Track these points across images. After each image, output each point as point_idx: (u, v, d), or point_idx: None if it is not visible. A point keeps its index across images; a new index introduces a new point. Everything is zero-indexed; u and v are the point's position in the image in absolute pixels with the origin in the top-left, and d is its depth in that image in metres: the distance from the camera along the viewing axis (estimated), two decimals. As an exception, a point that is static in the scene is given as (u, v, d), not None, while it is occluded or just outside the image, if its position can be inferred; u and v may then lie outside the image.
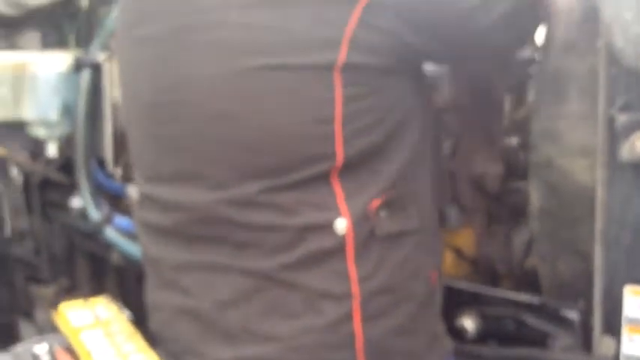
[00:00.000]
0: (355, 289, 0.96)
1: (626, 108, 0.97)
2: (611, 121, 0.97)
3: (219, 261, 1.01)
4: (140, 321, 1.19)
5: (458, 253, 1.37)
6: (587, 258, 1.08)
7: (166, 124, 1.01)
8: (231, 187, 0.97)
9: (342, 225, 0.95)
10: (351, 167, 0.96)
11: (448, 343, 1.10)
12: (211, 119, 0.97)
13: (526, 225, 1.22)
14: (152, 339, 1.12)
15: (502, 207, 1.32)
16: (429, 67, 1.17)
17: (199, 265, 1.03)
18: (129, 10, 1.09)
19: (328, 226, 0.95)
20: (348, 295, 0.96)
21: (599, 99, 1.00)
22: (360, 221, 0.96)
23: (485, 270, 1.35)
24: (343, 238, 0.95)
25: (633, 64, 0.92)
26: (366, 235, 0.97)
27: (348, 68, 0.91)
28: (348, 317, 0.97)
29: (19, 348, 1.03)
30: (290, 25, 0.91)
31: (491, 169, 1.28)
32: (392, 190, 0.99)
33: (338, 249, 0.96)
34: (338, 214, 0.95)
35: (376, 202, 0.97)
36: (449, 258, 1.37)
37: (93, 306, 1.12)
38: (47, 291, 1.80)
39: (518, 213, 1.27)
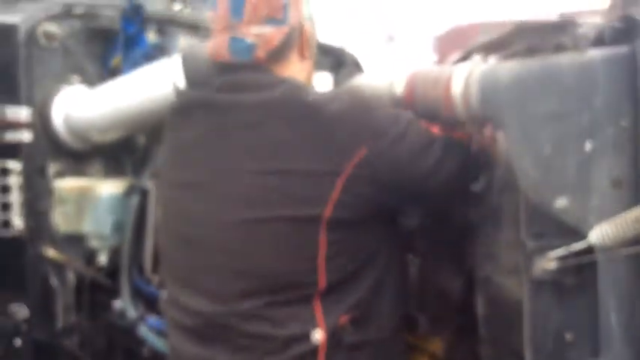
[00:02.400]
0: None
1: (538, 236, 1.22)
2: (524, 247, 1.22)
3: (222, 359, 1.29)
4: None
5: (431, 358, 1.58)
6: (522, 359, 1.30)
7: (193, 252, 1.34)
8: (236, 302, 1.27)
9: (318, 336, 1.23)
10: (330, 290, 1.25)
11: None
12: (226, 252, 1.29)
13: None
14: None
15: (468, 318, 1.54)
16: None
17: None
18: (170, 160, 1.44)
19: (307, 337, 1.23)
20: None
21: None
22: (332, 333, 1.24)
23: (454, 373, 1.56)
24: (318, 346, 1.23)
25: (537, 203, 1.19)
26: (335, 343, 1.25)
27: (331, 221, 1.23)
28: None
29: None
30: (290, 188, 1.24)
31: (455, 284, 1.52)
32: (358, 308, 1.28)
33: (313, 354, 1.24)
34: (316, 326, 1.24)
35: (345, 318, 1.26)
36: (424, 362, 1.59)
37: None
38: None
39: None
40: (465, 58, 1.43)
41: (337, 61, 2.37)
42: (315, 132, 1.23)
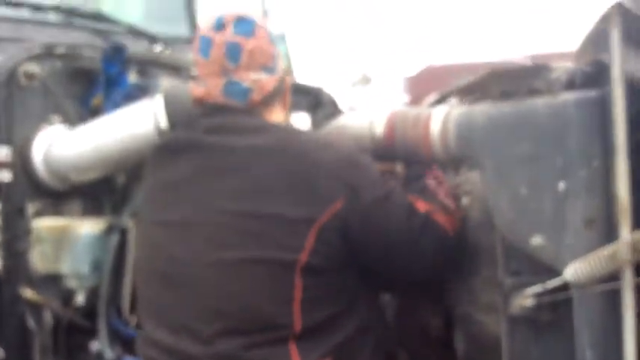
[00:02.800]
0: None
1: (515, 273, 1.25)
2: (501, 285, 1.25)
3: None
4: None
5: (413, 395, 1.59)
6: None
7: (173, 288, 1.35)
8: (215, 342, 1.27)
9: None
10: (306, 333, 1.27)
11: None
12: (206, 291, 1.30)
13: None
14: None
15: (447, 353, 1.56)
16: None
17: None
18: (152, 199, 1.46)
19: None
20: None
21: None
22: None
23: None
24: None
25: (513, 241, 1.22)
26: None
27: (306, 267, 1.26)
28: None
29: None
30: (269, 231, 1.26)
31: (434, 321, 1.54)
32: (338, 352, 1.29)
33: None
34: None
35: None
36: (406, 400, 1.59)
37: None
38: None
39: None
40: (442, 100, 1.48)
41: (315, 101, 2.40)
42: (299, 178, 1.26)
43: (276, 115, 1.41)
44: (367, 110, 1.55)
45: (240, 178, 1.29)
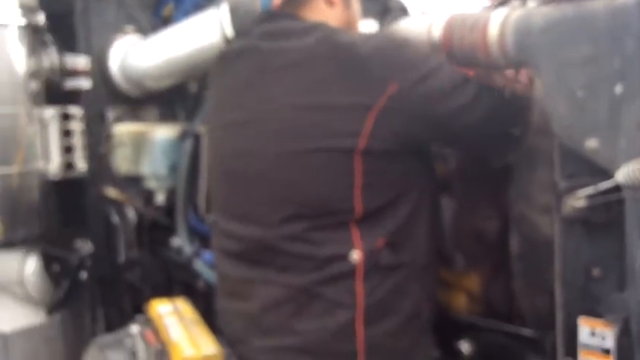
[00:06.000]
0: (360, 301, 1.33)
1: (570, 176, 1.27)
2: (556, 186, 1.27)
3: (268, 277, 1.41)
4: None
5: (469, 294, 1.66)
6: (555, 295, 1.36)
7: (241, 182, 1.45)
8: (281, 226, 1.37)
9: (355, 256, 1.33)
10: (366, 217, 1.34)
11: (433, 353, 1.41)
12: (271, 182, 1.39)
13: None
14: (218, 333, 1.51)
15: (503, 255, 1.61)
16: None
17: (254, 280, 1.43)
18: (216, 104, 1.56)
19: (345, 257, 1.33)
20: (354, 305, 1.33)
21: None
22: (368, 254, 1.33)
23: (490, 309, 1.63)
24: (355, 265, 1.33)
25: (569, 144, 1.23)
26: (372, 264, 1.34)
27: (366, 152, 1.31)
28: (353, 321, 1.33)
29: (120, 331, 1.44)
30: (327, 121, 1.32)
31: (489, 226, 1.58)
32: (394, 234, 1.36)
33: (351, 273, 1.33)
34: (353, 248, 1.33)
35: (382, 241, 1.35)
36: (462, 298, 1.66)
37: (174, 303, 1.53)
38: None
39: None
40: (503, 2, 1.46)
41: (383, 8, 2.39)
42: (349, 68, 1.29)
43: (322, 14, 1.45)
44: (430, 14, 1.54)
45: (295, 76, 1.34)
